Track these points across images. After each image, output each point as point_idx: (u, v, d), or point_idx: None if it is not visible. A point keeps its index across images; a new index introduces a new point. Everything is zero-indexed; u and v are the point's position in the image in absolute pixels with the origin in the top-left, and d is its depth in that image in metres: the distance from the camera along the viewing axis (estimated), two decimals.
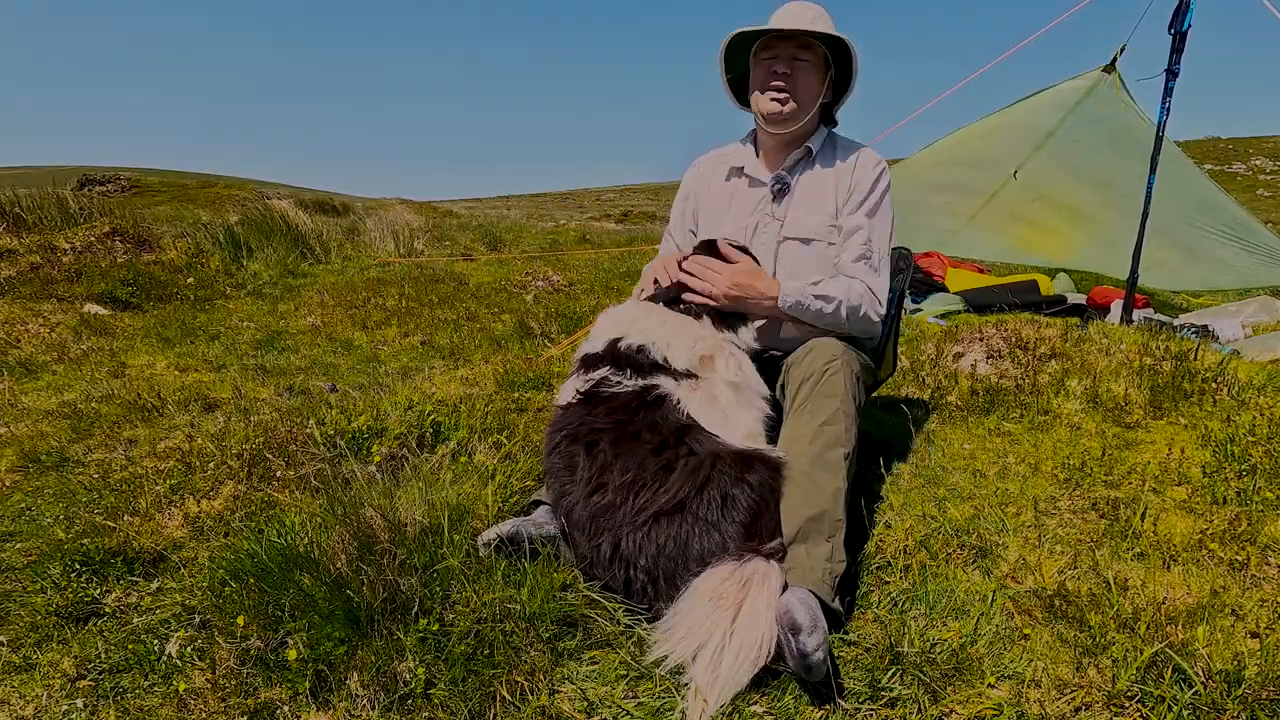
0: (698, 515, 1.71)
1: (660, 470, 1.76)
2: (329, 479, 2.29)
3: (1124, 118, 5.96)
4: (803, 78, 2.25)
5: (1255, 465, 2.31)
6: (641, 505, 1.73)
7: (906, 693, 1.51)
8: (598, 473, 1.80)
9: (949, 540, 2.05)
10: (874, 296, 2.25)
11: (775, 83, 2.24)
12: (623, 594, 1.75)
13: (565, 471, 1.87)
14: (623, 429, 1.85)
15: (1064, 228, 6.25)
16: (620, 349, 2.00)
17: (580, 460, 1.84)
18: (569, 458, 1.87)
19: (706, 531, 1.69)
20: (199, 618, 1.81)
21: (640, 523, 1.72)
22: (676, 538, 1.69)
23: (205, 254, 6.85)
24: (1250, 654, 1.50)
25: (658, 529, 1.71)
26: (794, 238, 2.30)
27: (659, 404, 1.89)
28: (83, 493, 2.48)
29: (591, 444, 1.85)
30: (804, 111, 2.28)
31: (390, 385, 3.47)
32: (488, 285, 6.64)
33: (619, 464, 1.79)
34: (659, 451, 1.79)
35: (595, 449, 1.84)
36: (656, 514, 1.71)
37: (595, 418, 1.89)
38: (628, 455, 1.80)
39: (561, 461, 1.89)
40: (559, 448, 1.91)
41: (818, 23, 2.22)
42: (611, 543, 1.74)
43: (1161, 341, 3.39)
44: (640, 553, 1.70)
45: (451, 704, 1.50)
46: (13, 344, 4.33)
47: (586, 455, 1.84)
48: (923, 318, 5.04)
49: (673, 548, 1.69)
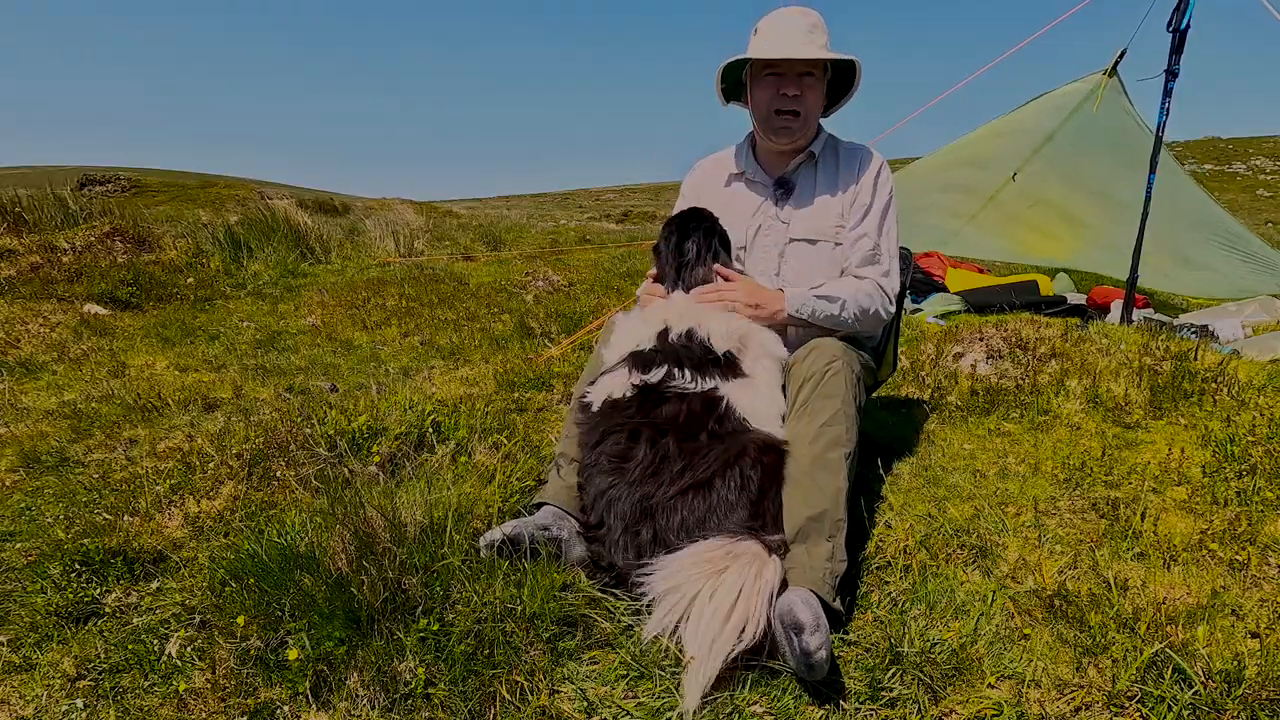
0: (720, 495, 1.78)
1: (701, 456, 1.84)
2: (329, 479, 2.29)
3: (1123, 125, 5.97)
4: (810, 95, 2.25)
5: (1255, 465, 2.31)
6: (680, 486, 1.80)
7: (906, 693, 1.51)
8: (655, 465, 1.85)
9: (949, 540, 2.05)
10: (884, 294, 2.27)
11: (786, 106, 2.24)
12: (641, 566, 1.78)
13: (613, 466, 1.90)
14: (682, 427, 1.90)
15: (1063, 232, 6.26)
16: (670, 340, 2.05)
17: (639, 453, 1.88)
18: (624, 452, 1.91)
19: (726, 512, 1.76)
20: (199, 618, 1.81)
21: (673, 500, 1.79)
22: (696, 511, 1.77)
23: (205, 254, 6.85)
24: (1250, 654, 1.50)
25: (683, 501, 1.78)
26: (801, 239, 2.31)
27: (714, 403, 1.95)
28: (83, 493, 2.48)
29: (652, 439, 1.90)
30: (812, 125, 2.31)
31: (390, 385, 3.47)
32: (488, 285, 6.63)
33: (678, 459, 1.85)
34: (709, 441, 1.88)
35: (657, 444, 1.88)
36: (685, 489, 1.79)
37: (651, 414, 1.94)
38: (688, 451, 1.86)
39: (612, 456, 1.92)
40: (606, 442, 1.94)
41: (815, 34, 2.21)
42: (650, 530, 1.78)
43: (1161, 341, 3.39)
44: (669, 526, 1.77)
45: (451, 704, 1.50)
46: (13, 344, 4.32)
47: (650, 448, 1.88)
48: (923, 318, 5.04)
49: (693, 521, 1.76)
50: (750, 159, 2.41)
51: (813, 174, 2.35)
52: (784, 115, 2.25)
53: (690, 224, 2.26)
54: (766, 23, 2.26)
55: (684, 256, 2.21)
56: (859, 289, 2.22)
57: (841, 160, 2.36)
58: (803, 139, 2.32)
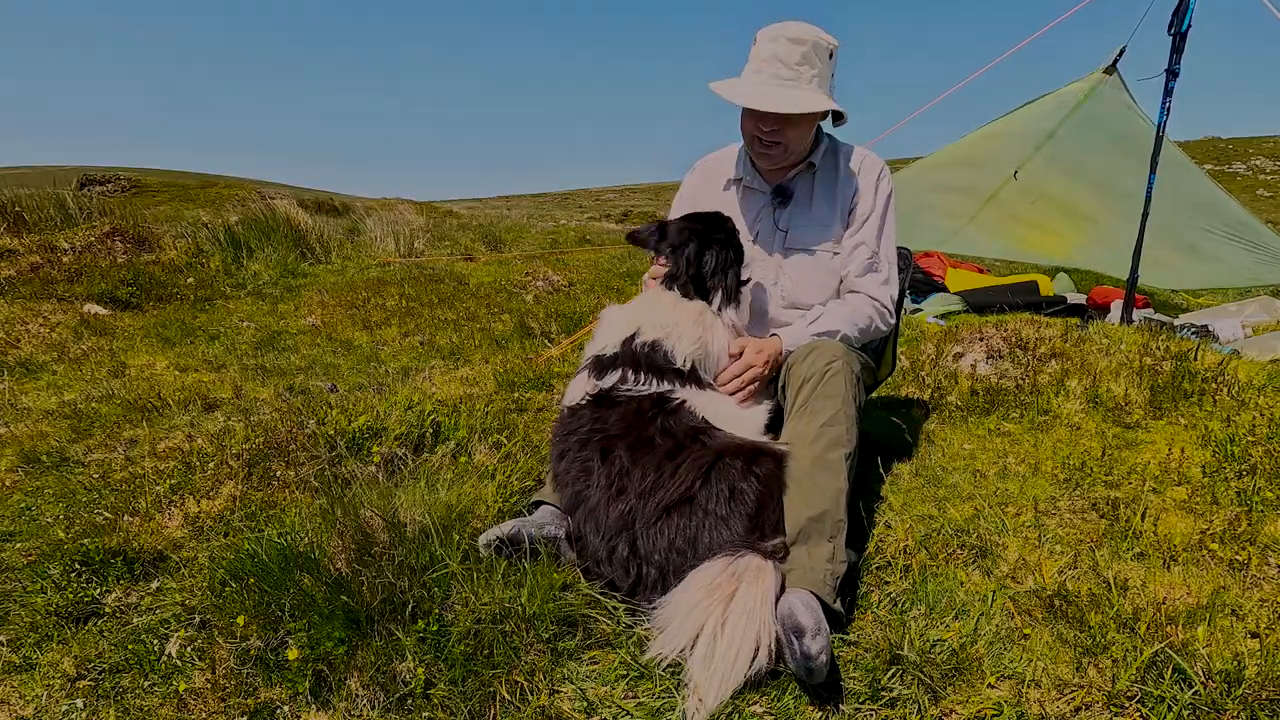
0: (706, 509, 1.73)
1: (673, 468, 1.80)
2: (329, 479, 2.30)
3: (1125, 119, 5.97)
4: (792, 131, 2.17)
5: (1255, 465, 2.31)
6: (656, 501, 1.76)
7: (906, 693, 1.51)
8: (618, 476, 1.83)
9: (949, 540, 2.05)
10: (882, 308, 2.27)
11: (765, 139, 2.18)
12: (632, 591, 1.77)
13: (581, 474, 1.89)
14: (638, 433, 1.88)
15: (1064, 228, 6.26)
16: (634, 346, 2.04)
17: (596, 465, 1.86)
18: (584, 462, 1.90)
19: (714, 525, 1.72)
20: (199, 618, 1.81)
21: (653, 519, 1.75)
22: (685, 531, 1.72)
23: (205, 254, 6.85)
24: (1250, 654, 1.50)
25: (668, 523, 1.73)
26: (798, 248, 2.30)
27: (675, 408, 1.93)
28: (83, 493, 2.48)
29: (606, 450, 1.87)
30: (798, 151, 2.25)
31: (390, 385, 3.47)
32: (488, 285, 6.63)
33: (638, 468, 1.82)
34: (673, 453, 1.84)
35: (610, 455, 1.86)
36: (667, 507, 1.75)
37: (608, 422, 1.93)
38: (645, 459, 1.83)
39: (577, 464, 1.91)
40: (570, 451, 1.94)
41: (803, 69, 2.10)
42: (628, 541, 1.76)
43: (1161, 341, 3.39)
44: (654, 548, 1.73)
45: (451, 704, 1.50)
46: (13, 344, 4.32)
47: (602, 461, 1.86)
48: (922, 318, 5.04)
49: (682, 541, 1.72)
50: (749, 166, 2.38)
51: (811, 182, 2.32)
52: (765, 144, 2.21)
53: (712, 233, 2.20)
54: (758, 48, 2.15)
55: (702, 267, 2.16)
56: (855, 311, 2.21)
57: (841, 167, 2.33)
58: (789, 162, 2.27)
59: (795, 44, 2.10)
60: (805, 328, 2.18)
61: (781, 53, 2.10)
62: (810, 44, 2.10)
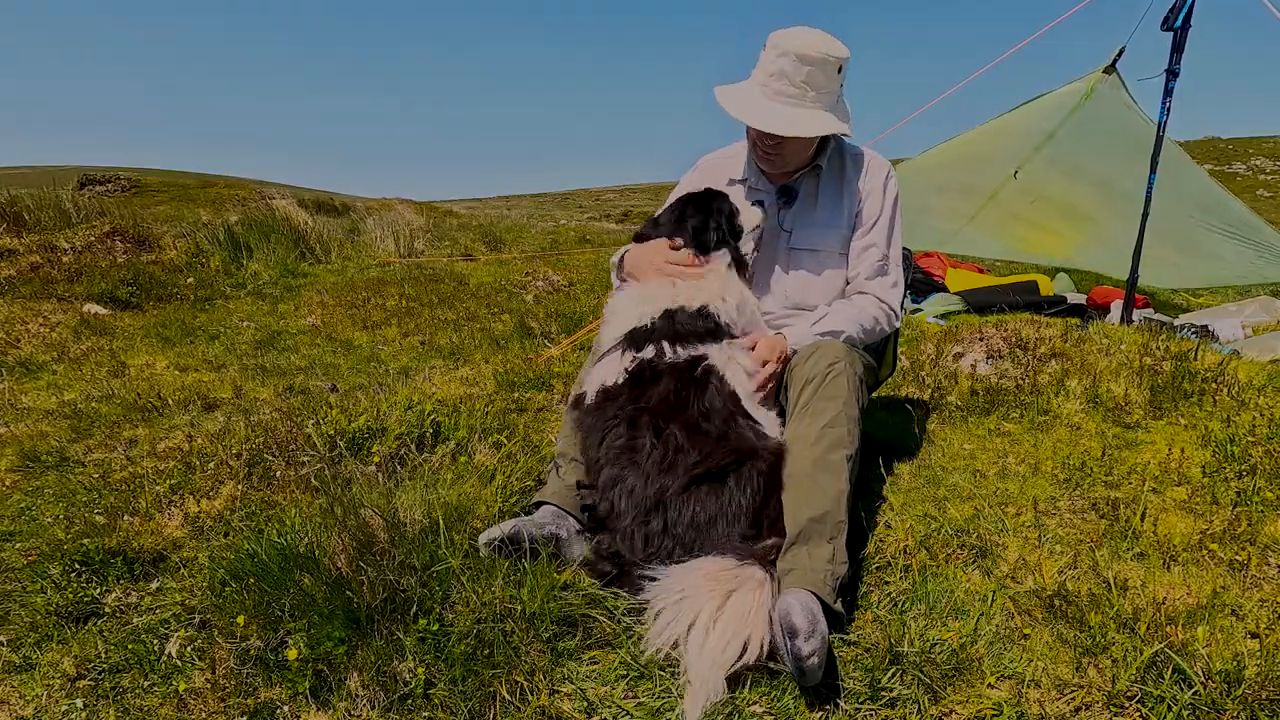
0: (720, 496, 1.81)
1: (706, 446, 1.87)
2: (329, 479, 2.29)
3: (1124, 118, 5.96)
4: (792, 144, 2.18)
5: (1255, 465, 2.31)
6: (691, 477, 1.83)
7: (906, 693, 1.51)
8: (674, 452, 1.87)
9: (949, 540, 2.05)
10: (889, 309, 2.28)
11: (766, 154, 2.21)
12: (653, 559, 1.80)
13: (626, 452, 1.91)
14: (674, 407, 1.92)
15: (1064, 228, 6.25)
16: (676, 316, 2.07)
17: (647, 441, 1.90)
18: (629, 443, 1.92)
19: (726, 512, 1.80)
20: (199, 618, 1.81)
21: (681, 491, 1.82)
22: (705, 507, 1.80)
23: (205, 254, 6.85)
24: (1250, 654, 1.50)
25: (694, 496, 1.81)
26: (803, 249, 2.30)
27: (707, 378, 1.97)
28: (83, 493, 2.48)
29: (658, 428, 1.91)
30: (799, 158, 2.26)
31: (390, 385, 3.46)
32: (488, 285, 6.63)
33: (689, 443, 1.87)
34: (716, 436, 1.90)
35: (664, 433, 1.89)
36: (691, 481, 1.82)
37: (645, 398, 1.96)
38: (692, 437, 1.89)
39: (623, 442, 1.93)
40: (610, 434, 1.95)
41: (807, 89, 2.09)
42: (661, 518, 1.80)
43: (1161, 341, 3.39)
44: (680, 519, 1.79)
45: (451, 704, 1.50)
46: (13, 344, 4.32)
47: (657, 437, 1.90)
48: (923, 318, 5.03)
49: (703, 517, 1.79)
50: (753, 166, 2.38)
51: (816, 183, 2.32)
52: (765, 161, 2.25)
53: (710, 203, 2.22)
54: (766, 58, 2.14)
55: (707, 230, 2.18)
56: (861, 313, 2.22)
57: (848, 168, 2.32)
58: (792, 167, 2.28)
59: (801, 62, 2.08)
60: (810, 327, 2.18)
61: (788, 70, 2.09)
62: (817, 61, 2.08)
